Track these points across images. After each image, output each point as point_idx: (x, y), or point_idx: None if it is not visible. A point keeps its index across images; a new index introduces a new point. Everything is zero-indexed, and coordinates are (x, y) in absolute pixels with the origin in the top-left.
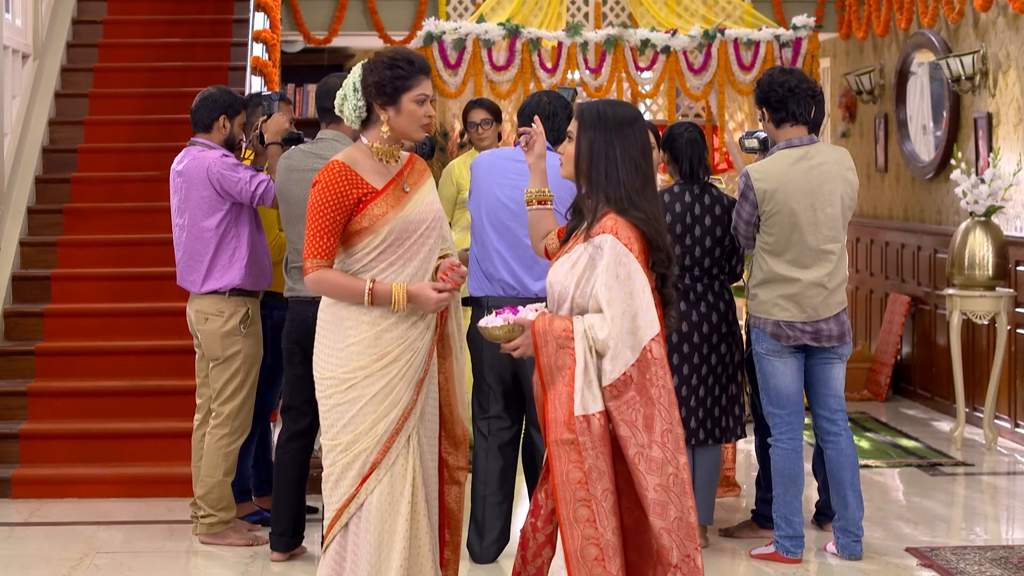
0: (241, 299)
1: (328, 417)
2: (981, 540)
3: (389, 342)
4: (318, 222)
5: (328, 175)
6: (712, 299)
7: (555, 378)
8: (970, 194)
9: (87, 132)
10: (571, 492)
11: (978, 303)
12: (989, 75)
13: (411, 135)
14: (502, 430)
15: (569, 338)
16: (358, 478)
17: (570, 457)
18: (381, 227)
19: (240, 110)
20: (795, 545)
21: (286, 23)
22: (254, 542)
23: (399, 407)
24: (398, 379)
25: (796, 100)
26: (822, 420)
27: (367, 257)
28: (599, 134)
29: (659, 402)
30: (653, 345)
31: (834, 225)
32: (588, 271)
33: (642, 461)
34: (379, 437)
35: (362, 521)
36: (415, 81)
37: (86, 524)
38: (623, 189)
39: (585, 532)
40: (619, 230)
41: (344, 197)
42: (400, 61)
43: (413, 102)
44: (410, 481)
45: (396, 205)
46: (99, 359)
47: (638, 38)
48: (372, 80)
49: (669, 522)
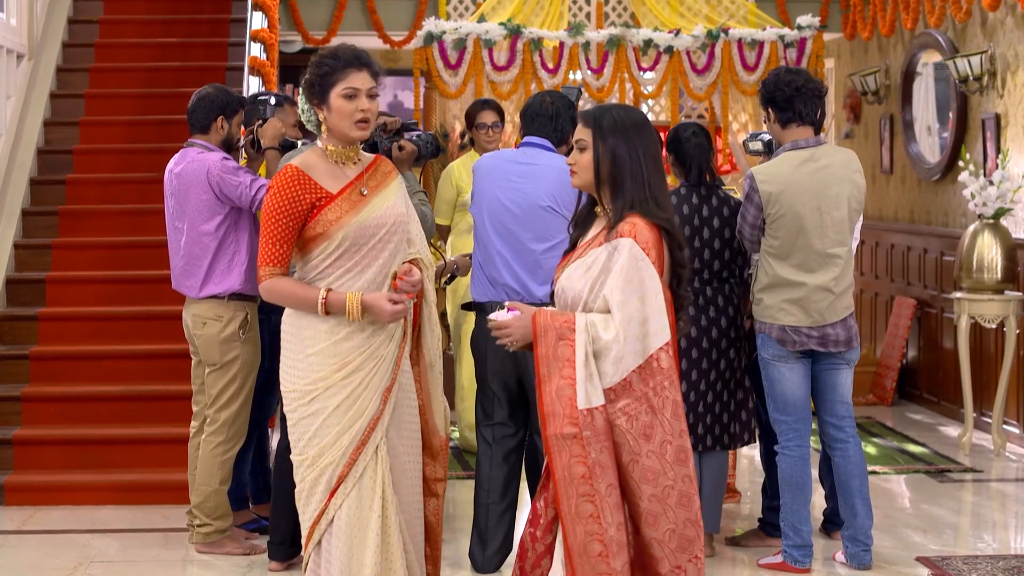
0: (240, 304)
1: (294, 432)
2: (991, 549)
3: (349, 351)
4: (270, 229)
5: (280, 180)
6: (722, 303)
7: (552, 370)
8: (978, 196)
9: (83, 133)
10: (574, 488)
11: (986, 307)
12: (997, 75)
13: (346, 133)
14: (506, 437)
15: (570, 329)
16: (327, 493)
17: (572, 451)
18: (335, 233)
19: (238, 110)
20: (803, 554)
21: (284, 23)
22: (251, 551)
23: (364, 417)
24: (361, 389)
25: (803, 100)
26: (829, 427)
27: (322, 264)
28: (620, 138)
29: (662, 412)
30: (661, 354)
31: (841, 228)
32: (603, 274)
33: (636, 469)
34: (344, 449)
35: (332, 537)
36: (341, 75)
37: (80, 532)
38: (648, 189)
39: (588, 528)
40: (638, 233)
41: (296, 202)
42: (326, 57)
43: (341, 97)
44: (379, 493)
45: (351, 210)
46: (94, 363)
47: (641, 38)
48: (305, 82)
49: (660, 533)
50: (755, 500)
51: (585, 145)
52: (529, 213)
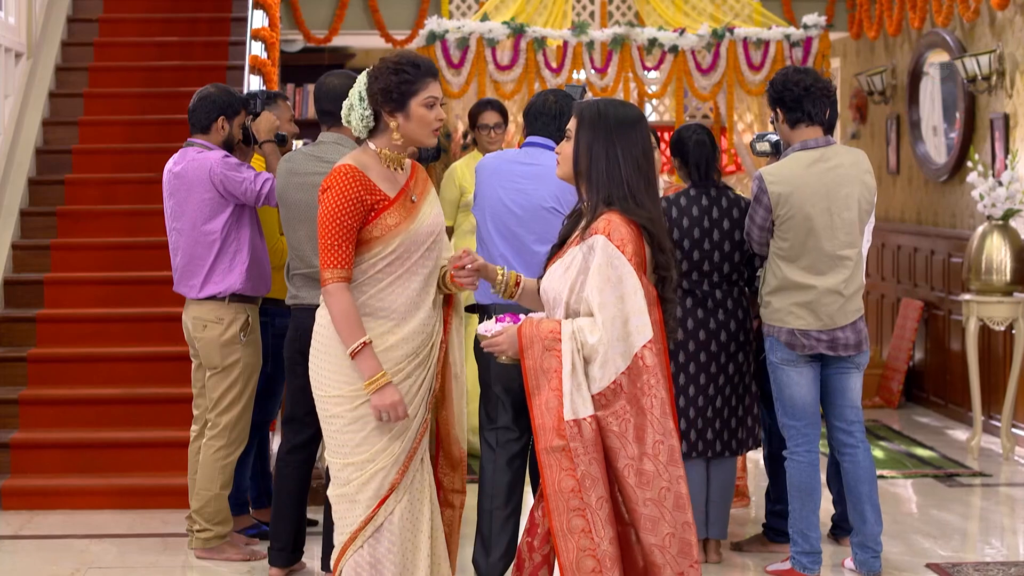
0: (240, 306)
1: (337, 437)
2: (1001, 555)
3: (399, 358)
4: (334, 230)
5: (341, 179)
6: (731, 306)
7: (540, 383)
8: (987, 197)
9: (82, 132)
10: (564, 502)
11: (995, 309)
12: (1006, 75)
13: (423, 140)
14: (510, 442)
15: (556, 339)
16: (375, 499)
17: (561, 465)
18: (392, 238)
19: (240, 111)
20: (812, 561)
21: (285, 22)
22: (252, 557)
23: (414, 425)
24: (411, 396)
25: (811, 99)
26: (838, 432)
27: (373, 268)
28: (599, 133)
29: (651, 412)
30: (645, 352)
31: (851, 230)
32: (582, 275)
33: (632, 474)
34: (396, 457)
35: (383, 542)
36: (422, 84)
37: (78, 537)
38: (626, 188)
39: (580, 543)
40: (612, 231)
41: (359, 202)
42: (405, 65)
43: (422, 106)
44: (428, 496)
45: (408, 216)
46: (93, 366)
47: (645, 37)
48: (378, 87)
49: (660, 538)
50: (760, 505)
51: (569, 135)
52: (532, 214)
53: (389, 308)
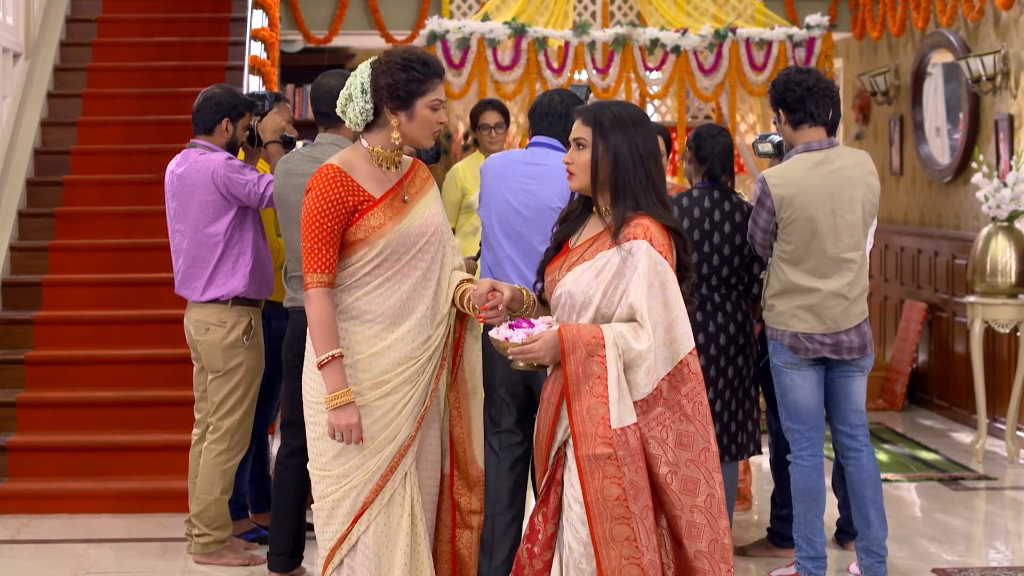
0: (243, 309)
1: (317, 445)
2: (1007, 559)
3: (385, 367)
4: (314, 233)
5: (322, 181)
6: (730, 310)
7: (581, 388)
8: (992, 198)
9: (80, 133)
10: (608, 510)
11: (1000, 311)
12: (1011, 75)
13: (422, 142)
14: (514, 445)
15: (600, 345)
16: (349, 516)
17: (606, 472)
18: (377, 240)
19: (244, 112)
20: (817, 566)
21: (285, 22)
22: (251, 561)
23: (396, 442)
24: (395, 413)
25: (814, 100)
26: (842, 436)
27: (360, 271)
28: (622, 137)
29: (696, 419)
30: (690, 359)
31: (855, 232)
32: (616, 279)
33: (675, 480)
34: (371, 474)
35: (357, 557)
36: (430, 85)
37: (76, 542)
38: (653, 192)
39: (624, 552)
40: (653, 237)
41: (339, 204)
42: (415, 63)
43: (427, 108)
44: (408, 511)
45: (394, 216)
46: (91, 368)
47: (647, 37)
48: (385, 82)
49: (705, 544)
50: (765, 509)
51: (584, 143)
52: (539, 215)
53: (377, 312)
